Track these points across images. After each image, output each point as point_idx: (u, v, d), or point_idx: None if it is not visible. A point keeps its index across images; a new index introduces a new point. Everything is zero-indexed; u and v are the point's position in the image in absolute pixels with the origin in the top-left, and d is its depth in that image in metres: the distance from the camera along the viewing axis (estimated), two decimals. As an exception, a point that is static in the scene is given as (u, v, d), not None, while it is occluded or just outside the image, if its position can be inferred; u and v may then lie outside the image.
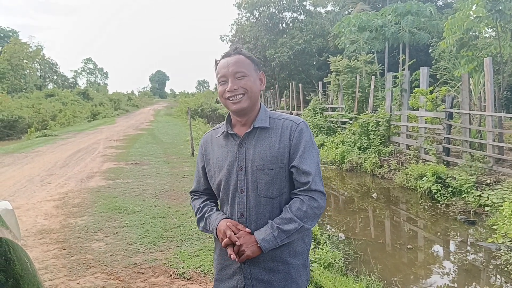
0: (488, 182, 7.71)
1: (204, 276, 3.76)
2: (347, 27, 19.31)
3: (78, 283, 3.62)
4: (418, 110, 10.74)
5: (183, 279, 3.71)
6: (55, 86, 51.48)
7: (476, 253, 5.83)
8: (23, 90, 37.03)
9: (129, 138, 16.40)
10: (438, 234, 6.77)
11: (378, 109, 13.38)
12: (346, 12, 28.39)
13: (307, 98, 23.16)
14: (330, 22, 29.22)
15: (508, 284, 4.80)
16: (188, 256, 4.20)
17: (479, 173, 8.12)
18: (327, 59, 18.85)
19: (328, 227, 7.08)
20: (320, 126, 15.97)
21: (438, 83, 16.17)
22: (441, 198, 7.95)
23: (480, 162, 8.37)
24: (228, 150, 1.64)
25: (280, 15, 31.57)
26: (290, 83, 24.45)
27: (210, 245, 4.52)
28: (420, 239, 6.66)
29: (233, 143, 1.64)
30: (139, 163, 10.20)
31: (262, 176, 1.57)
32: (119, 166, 9.72)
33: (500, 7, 9.54)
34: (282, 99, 28.96)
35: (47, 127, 22.51)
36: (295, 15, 31.69)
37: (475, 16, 10.17)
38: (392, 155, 11.33)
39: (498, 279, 4.98)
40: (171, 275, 3.78)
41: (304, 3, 31.56)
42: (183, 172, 8.94)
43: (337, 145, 13.10)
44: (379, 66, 18.52)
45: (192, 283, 3.65)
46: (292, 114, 21.85)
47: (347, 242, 6.11)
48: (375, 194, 9.03)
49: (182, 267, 3.92)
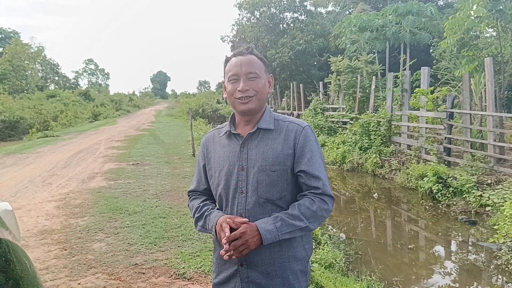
0: (489, 182, 7.70)
1: (204, 277, 3.77)
2: (347, 27, 19.32)
3: (79, 284, 3.64)
4: (419, 110, 10.74)
5: (184, 279, 3.72)
6: (57, 87, 51.55)
7: (477, 253, 5.82)
8: (25, 91, 37.05)
9: (130, 138, 16.43)
10: (439, 234, 6.76)
11: (379, 109, 13.35)
12: (347, 12, 28.39)
13: (308, 98, 23.18)
14: (331, 23, 29.22)
15: (509, 284, 4.80)
16: (189, 256, 4.21)
17: (480, 173, 8.11)
18: (328, 59, 18.84)
19: (329, 227, 7.08)
20: (321, 126, 15.96)
21: (439, 83, 16.14)
22: (442, 198, 7.95)
23: (481, 162, 8.37)
24: (230, 150, 1.62)
25: (280, 16, 31.60)
26: (291, 84, 24.46)
27: (210, 245, 4.53)
28: (421, 239, 6.66)
29: (235, 143, 1.62)
30: (140, 163, 10.21)
31: (263, 178, 1.55)
32: (120, 167, 9.74)
33: (500, 7, 9.54)
34: (283, 99, 28.99)
35: (49, 128, 22.56)
36: (295, 15, 31.72)
37: (475, 16, 10.16)
38: (393, 155, 11.33)
39: (499, 279, 4.98)
40: (172, 276, 3.79)
41: (305, 3, 31.60)
42: (184, 173, 8.96)
43: (338, 145, 13.10)
44: (380, 66, 18.51)
45: (193, 283, 3.66)
46: (293, 114, 21.90)
47: (348, 242, 6.11)
48: (376, 194, 9.02)
49: (183, 268, 3.93)
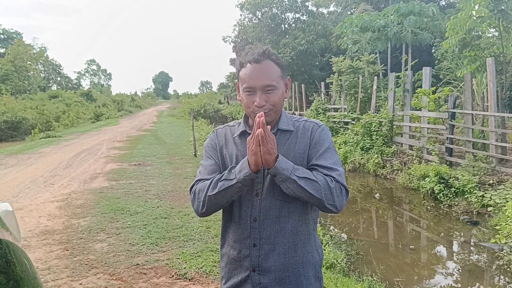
0: (491, 182, 7.68)
1: (206, 277, 3.78)
2: (349, 28, 19.31)
3: (80, 284, 3.65)
4: (421, 111, 10.72)
5: (185, 280, 3.73)
6: (59, 87, 51.68)
7: (479, 253, 5.81)
8: (27, 92, 37.15)
9: (132, 139, 16.45)
10: (441, 234, 6.75)
11: (380, 109, 13.34)
12: (349, 12, 28.40)
13: (309, 98, 23.16)
14: (332, 23, 29.22)
15: (511, 285, 4.79)
16: (190, 256, 4.22)
17: (482, 173, 8.09)
18: (330, 60, 18.83)
19: (331, 227, 7.08)
20: (322, 126, 15.90)
21: (441, 83, 16.11)
22: (443, 198, 7.93)
23: (483, 162, 8.35)
24: (245, 149, 1.52)
25: (282, 16, 31.62)
26: (293, 84, 24.45)
27: (212, 245, 4.54)
28: (423, 239, 6.65)
29: None
30: (142, 164, 10.23)
31: None
32: (122, 167, 9.76)
33: (502, 7, 9.53)
34: (284, 99, 28.95)
35: (51, 128, 22.60)
36: (297, 15, 31.74)
37: (477, 16, 10.15)
38: (394, 155, 11.31)
39: (501, 279, 4.96)
40: (173, 276, 3.80)
41: (307, 3, 31.62)
42: (185, 173, 8.97)
43: (339, 145, 13.08)
44: (382, 66, 18.47)
45: (194, 284, 3.66)
46: (294, 114, 21.89)
47: (349, 242, 6.10)
48: (377, 195, 9.01)
49: (184, 268, 3.94)
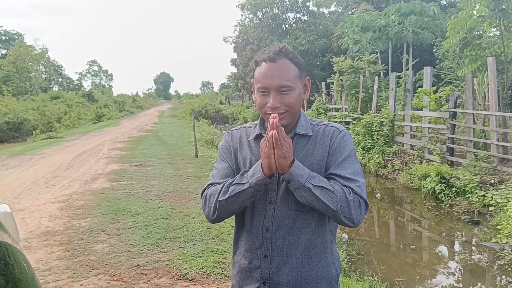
0: (492, 182, 7.67)
1: (206, 277, 3.79)
2: (350, 28, 19.27)
3: (81, 285, 3.66)
4: (421, 110, 10.71)
5: (186, 280, 3.74)
6: (60, 88, 51.74)
7: (480, 253, 5.80)
8: (29, 93, 37.21)
9: (133, 139, 16.47)
10: (442, 234, 6.74)
11: (381, 109, 13.33)
12: (349, 12, 28.36)
13: (310, 98, 23.12)
14: (333, 23, 29.20)
15: (512, 285, 4.78)
16: (191, 257, 4.23)
17: (483, 173, 8.08)
18: (331, 60, 18.83)
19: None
20: (323, 126, 15.91)
21: (442, 82, 16.10)
22: (445, 198, 7.92)
23: (484, 162, 8.33)
24: (259, 153, 1.42)
25: (283, 16, 31.63)
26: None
27: (212, 246, 4.55)
28: (424, 239, 6.64)
29: None
30: (143, 164, 10.25)
31: None
32: (123, 168, 9.77)
33: (503, 6, 9.51)
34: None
35: (52, 129, 22.63)
36: (298, 15, 31.75)
37: (478, 15, 10.13)
38: (396, 155, 11.30)
39: (502, 279, 4.96)
40: (173, 276, 3.81)
41: (307, 3, 31.62)
42: (186, 173, 8.98)
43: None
44: (383, 66, 18.46)
45: (194, 284, 3.67)
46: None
47: (350, 242, 6.10)
48: (378, 195, 9.00)
49: (185, 268, 3.94)
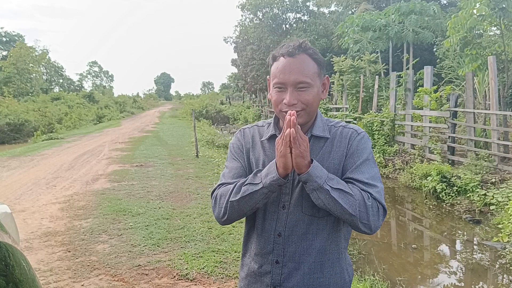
0: (493, 180, 7.66)
1: (207, 277, 3.79)
2: (350, 27, 19.27)
3: (82, 285, 3.66)
4: (422, 110, 10.71)
5: (187, 280, 3.74)
6: (61, 89, 51.75)
7: (482, 252, 5.79)
8: (29, 94, 37.21)
9: (134, 140, 16.49)
10: (443, 233, 6.74)
11: (382, 108, 13.33)
12: (350, 12, 28.34)
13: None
14: (333, 22, 29.18)
15: (514, 284, 4.77)
16: (191, 257, 4.23)
17: (484, 172, 8.07)
18: (331, 59, 18.83)
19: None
20: (324, 126, 15.90)
21: (443, 82, 16.08)
22: (446, 197, 7.91)
23: (485, 161, 8.32)
24: (273, 155, 1.37)
25: (283, 16, 31.62)
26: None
27: (213, 246, 4.55)
28: (425, 238, 6.64)
29: None
30: (144, 165, 10.26)
31: None
32: (124, 168, 9.78)
33: (503, 5, 9.50)
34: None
35: (53, 130, 22.69)
36: (298, 15, 31.75)
37: (478, 14, 10.13)
38: (396, 154, 11.30)
39: (504, 278, 4.95)
40: (174, 276, 3.81)
41: (308, 3, 31.62)
42: (187, 174, 8.98)
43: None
44: (383, 65, 18.45)
45: (195, 284, 3.67)
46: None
47: (351, 242, 6.09)
48: (379, 194, 9.00)
49: (186, 268, 3.94)
